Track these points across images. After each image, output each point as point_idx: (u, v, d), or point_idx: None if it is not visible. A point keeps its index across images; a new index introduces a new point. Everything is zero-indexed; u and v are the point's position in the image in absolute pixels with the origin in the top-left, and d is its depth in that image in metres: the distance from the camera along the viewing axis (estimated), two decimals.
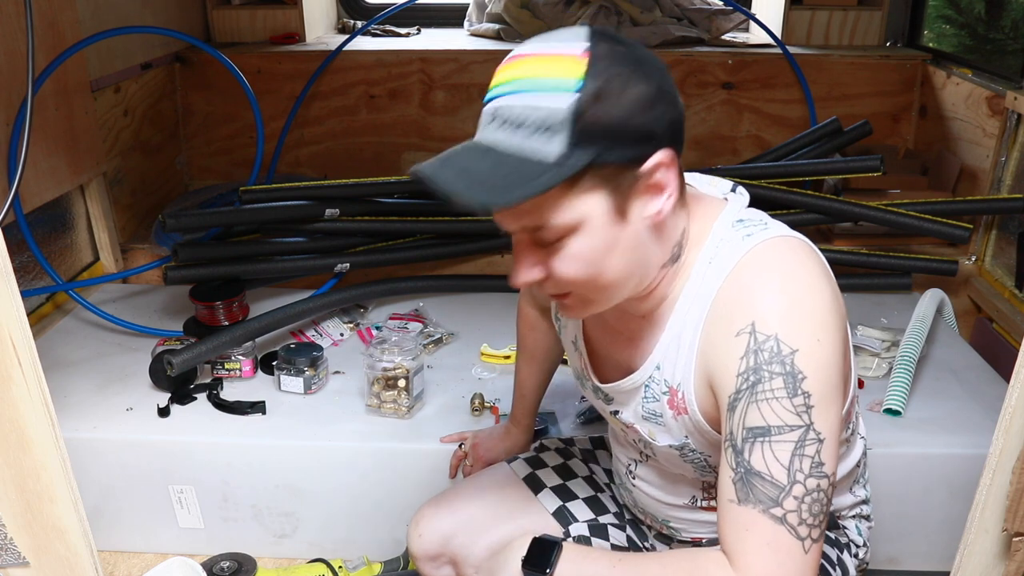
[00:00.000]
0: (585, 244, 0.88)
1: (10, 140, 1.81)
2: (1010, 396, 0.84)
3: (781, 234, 0.94)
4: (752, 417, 0.87)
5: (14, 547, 0.91)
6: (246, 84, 2.27)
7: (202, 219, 2.07)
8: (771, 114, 2.73)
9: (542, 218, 0.86)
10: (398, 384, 1.65)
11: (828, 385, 0.87)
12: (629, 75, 0.84)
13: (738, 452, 0.88)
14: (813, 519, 0.87)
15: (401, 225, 2.20)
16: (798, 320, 0.87)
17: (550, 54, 0.85)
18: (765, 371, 0.86)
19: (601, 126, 0.83)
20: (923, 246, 2.32)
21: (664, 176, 0.88)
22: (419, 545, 1.30)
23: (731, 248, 0.92)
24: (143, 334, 1.97)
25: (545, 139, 0.83)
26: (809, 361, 0.86)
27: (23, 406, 0.83)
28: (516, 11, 2.91)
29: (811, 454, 0.86)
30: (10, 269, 0.79)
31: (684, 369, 0.96)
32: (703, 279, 0.94)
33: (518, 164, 0.83)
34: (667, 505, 1.16)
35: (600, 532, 1.28)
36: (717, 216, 0.96)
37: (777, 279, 0.89)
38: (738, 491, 0.87)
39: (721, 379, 0.91)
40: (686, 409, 0.98)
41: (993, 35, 3.49)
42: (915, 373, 1.74)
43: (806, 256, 0.92)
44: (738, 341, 0.88)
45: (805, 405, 0.86)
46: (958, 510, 1.05)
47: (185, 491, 1.64)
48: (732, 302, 0.90)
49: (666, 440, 1.03)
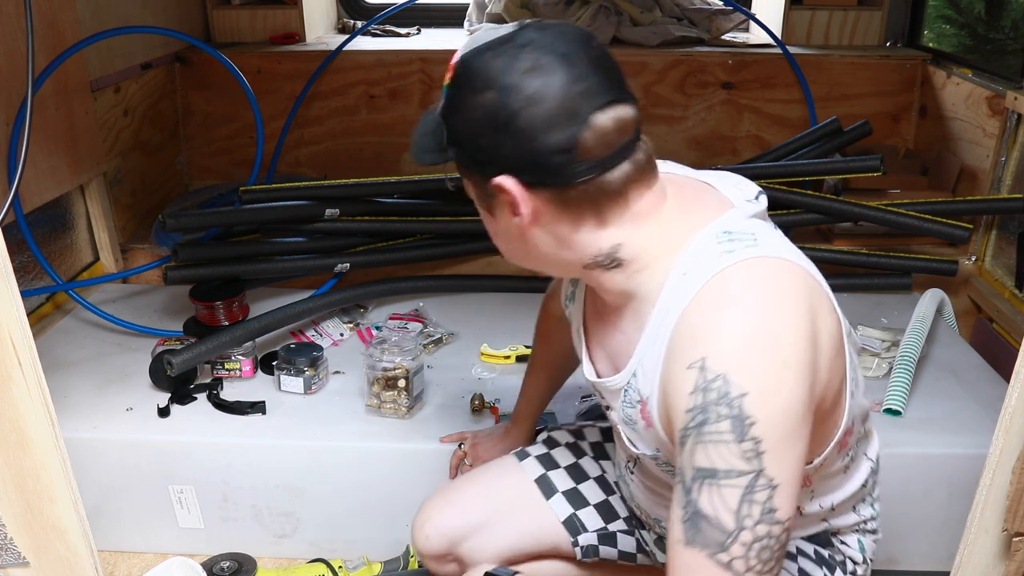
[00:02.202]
0: (484, 219, 0.99)
1: (10, 140, 1.81)
2: (1010, 396, 0.84)
3: (765, 255, 0.87)
4: (699, 457, 0.82)
5: (14, 547, 0.91)
6: (246, 84, 2.27)
7: (202, 219, 2.06)
8: (771, 114, 2.73)
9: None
10: (398, 384, 1.65)
11: (783, 430, 0.81)
12: (479, 95, 0.87)
13: (687, 491, 0.83)
14: (762, 565, 0.82)
15: (401, 225, 2.20)
16: (754, 359, 0.81)
17: (454, 54, 0.92)
18: (712, 411, 0.81)
19: (452, 134, 0.91)
20: (923, 246, 2.32)
21: (514, 199, 0.89)
22: (426, 545, 1.29)
23: (705, 264, 0.87)
24: (143, 334, 1.97)
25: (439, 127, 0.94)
26: (761, 405, 0.80)
27: (23, 406, 0.83)
28: (516, 11, 2.90)
29: (761, 500, 0.81)
30: (10, 269, 0.79)
31: (651, 383, 0.94)
32: (674, 292, 0.89)
33: (437, 133, 0.94)
34: (659, 505, 1.15)
35: (609, 541, 1.27)
36: (704, 226, 0.91)
37: (739, 309, 0.83)
38: (685, 532, 0.83)
39: (674, 411, 0.86)
40: (653, 423, 0.95)
41: (993, 35, 3.49)
42: (915, 373, 1.74)
43: (786, 283, 0.86)
44: (688, 375, 0.83)
45: (755, 451, 0.80)
46: (958, 510, 1.05)
47: (185, 491, 1.64)
48: (690, 329, 0.85)
49: (642, 447, 1.02)
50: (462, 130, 0.90)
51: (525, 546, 1.28)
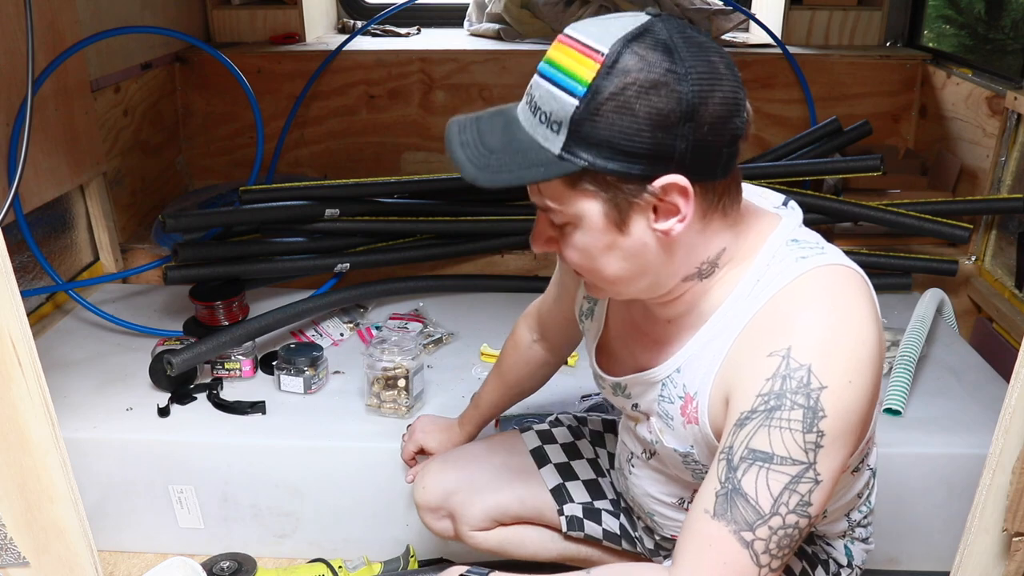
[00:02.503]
0: (582, 239, 0.88)
1: (10, 140, 1.81)
2: (1010, 396, 0.84)
3: (837, 262, 0.90)
4: (759, 440, 0.85)
5: (14, 547, 0.91)
6: (246, 84, 2.27)
7: (202, 219, 2.06)
8: (771, 114, 2.73)
9: (546, 203, 0.88)
10: (398, 384, 1.65)
11: (845, 430, 0.85)
12: (648, 89, 0.79)
13: (732, 468, 0.86)
14: (779, 551, 0.85)
15: (401, 225, 2.20)
16: (836, 357, 0.84)
17: (580, 47, 0.82)
18: (788, 399, 0.84)
19: (597, 138, 0.80)
20: (923, 246, 2.32)
21: (676, 200, 0.83)
22: (422, 496, 1.35)
23: (782, 268, 0.90)
24: (143, 334, 1.97)
25: (552, 132, 0.83)
26: (834, 401, 0.83)
27: (23, 406, 0.83)
28: (516, 11, 2.90)
29: (803, 492, 0.84)
30: (10, 269, 0.79)
31: (704, 378, 0.94)
32: (747, 296, 0.91)
33: (526, 146, 0.84)
34: (656, 501, 1.16)
35: (594, 516, 1.30)
36: (770, 234, 0.93)
37: (825, 310, 0.86)
38: (717, 505, 0.86)
39: (740, 394, 0.88)
40: (697, 419, 0.96)
41: (993, 35, 3.49)
42: (915, 373, 1.74)
43: (859, 290, 0.89)
44: (769, 361, 0.85)
45: (815, 444, 0.84)
46: (958, 510, 1.05)
47: (185, 491, 1.64)
48: (773, 321, 0.88)
49: (672, 443, 1.03)
50: (615, 131, 0.80)
51: (511, 507, 1.32)
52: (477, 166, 0.85)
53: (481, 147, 0.86)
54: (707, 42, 0.83)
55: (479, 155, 0.85)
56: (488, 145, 0.86)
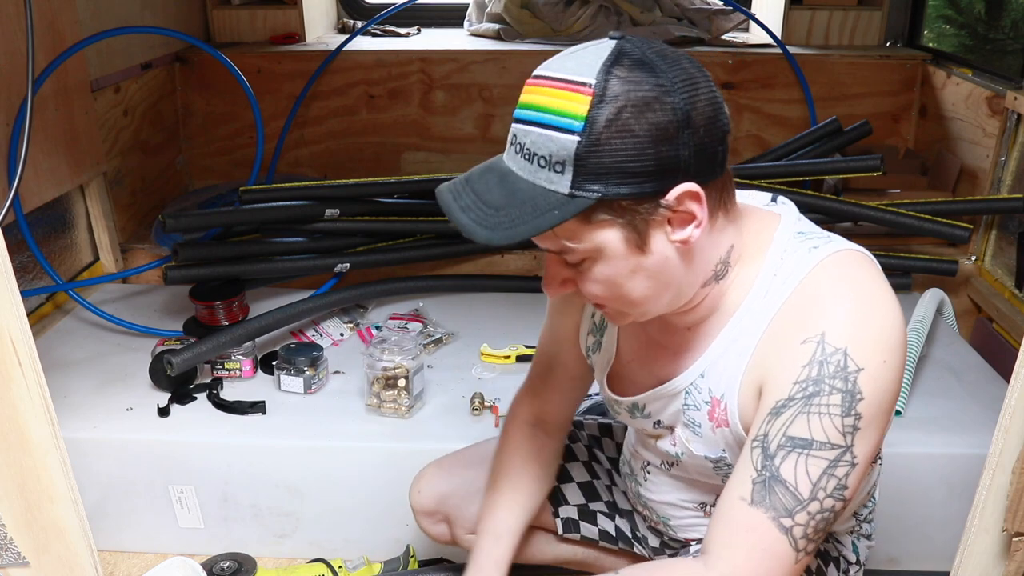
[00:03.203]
0: (604, 270, 0.87)
1: (10, 140, 1.81)
2: (1010, 396, 0.84)
3: (847, 247, 0.92)
4: (798, 427, 0.86)
5: (14, 547, 0.91)
6: (246, 84, 2.27)
7: (202, 219, 2.07)
8: (771, 114, 2.73)
9: (562, 245, 0.86)
10: (398, 384, 1.65)
11: (881, 410, 0.86)
12: (643, 108, 0.79)
13: (768, 456, 0.87)
14: (815, 535, 0.87)
15: (401, 225, 2.20)
16: (869, 338, 0.85)
17: (562, 84, 0.82)
18: (827, 384, 0.85)
19: (606, 166, 0.80)
20: (923, 246, 2.32)
21: (690, 207, 0.84)
22: (417, 500, 1.34)
23: (798, 260, 0.91)
24: (143, 334, 1.97)
25: (555, 174, 0.82)
26: (871, 383, 0.84)
27: (23, 406, 0.83)
28: (516, 11, 2.90)
29: (840, 475, 0.86)
30: (10, 269, 0.79)
31: (731, 379, 0.94)
32: (767, 291, 0.91)
33: (531, 194, 0.83)
34: (674, 506, 1.16)
35: (589, 517, 1.30)
36: (775, 229, 0.94)
37: (851, 293, 0.87)
38: (755, 492, 0.87)
39: (774, 384, 0.89)
40: (727, 421, 0.96)
41: (993, 35, 3.49)
42: (915, 373, 1.74)
43: (875, 272, 0.91)
44: (804, 349, 0.86)
45: (853, 427, 0.85)
46: (958, 510, 1.05)
47: (185, 491, 1.64)
48: (801, 310, 0.88)
49: (702, 451, 1.02)
50: (620, 156, 0.80)
51: None
52: (487, 227, 0.83)
53: (484, 207, 0.84)
54: (671, 50, 0.85)
55: (485, 216, 0.84)
56: (491, 204, 0.84)
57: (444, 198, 0.87)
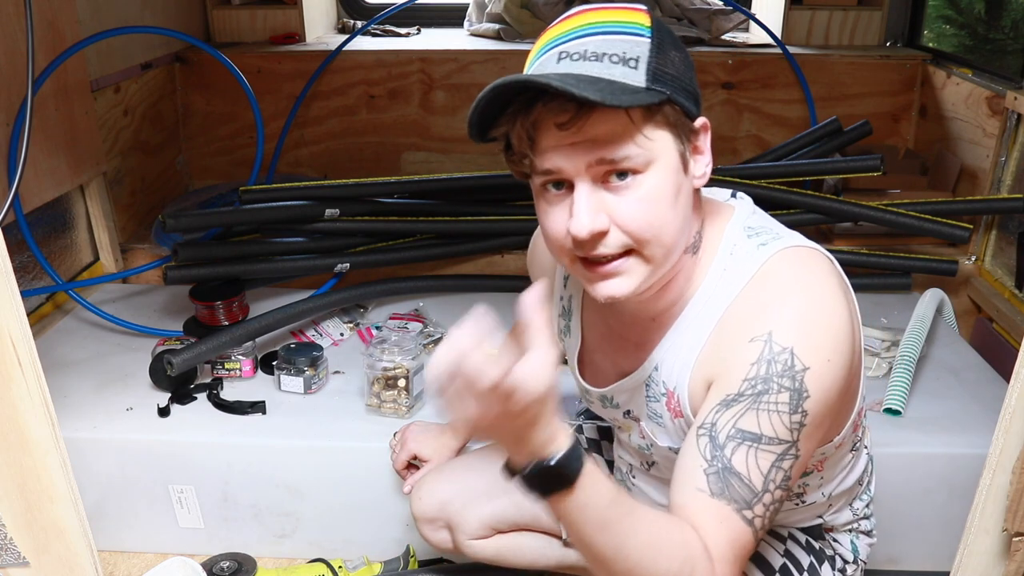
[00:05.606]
0: (655, 184, 0.85)
1: (10, 140, 1.81)
2: (1010, 396, 0.84)
3: (797, 244, 0.94)
4: (747, 421, 0.87)
5: (14, 547, 0.91)
6: (246, 84, 2.27)
7: (202, 219, 2.06)
8: (771, 114, 2.73)
9: (621, 147, 0.83)
10: (398, 384, 1.65)
11: (826, 407, 0.89)
12: (676, 40, 0.89)
13: (717, 446, 0.88)
14: (768, 524, 0.90)
15: (401, 225, 2.20)
16: (815, 337, 0.87)
17: (616, 6, 0.88)
18: (775, 383, 0.87)
19: (669, 72, 0.86)
20: (923, 246, 2.32)
21: (705, 141, 0.91)
22: (418, 507, 1.35)
23: (746, 256, 0.93)
24: (143, 334, 1.97)
25: (630, 69, 0.84)
26: (817, 381, 0.87)
27: (23, 406, 0.83)
28: (516, 11, 2.90)
29: (786, 468, 0.88)
30: (10, 269, 0.79)
31: (681, 372, 0.96)
32: (716, 286, 0.93)
33: (610, 84, 0.82)
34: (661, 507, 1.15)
35: None
36: (728, 221, 0.96)
37: (798, 292, 0.90)
38: (712, 483, 0.87)
39: (724, 379, 0.90)
40: (681, 413, 0.98)
41: (993, 35, 3.48)
42: (915, 373, 1.74)
43: (825, 269, 0.93)
44: (752, 347, 0.88)
45: (800, 424, 0.87)
46: (958, 510, 1.05)
47: (185, 491, 1.64)
48: (749, 308, 0.90)
49: (666, 442, 1.03)
50: (676, 67, 0.87)
51: (508, 514, 1.31)
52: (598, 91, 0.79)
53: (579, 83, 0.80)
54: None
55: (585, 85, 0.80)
56: (583, 79, 0.82)
57: (521, 78, 0.83)
